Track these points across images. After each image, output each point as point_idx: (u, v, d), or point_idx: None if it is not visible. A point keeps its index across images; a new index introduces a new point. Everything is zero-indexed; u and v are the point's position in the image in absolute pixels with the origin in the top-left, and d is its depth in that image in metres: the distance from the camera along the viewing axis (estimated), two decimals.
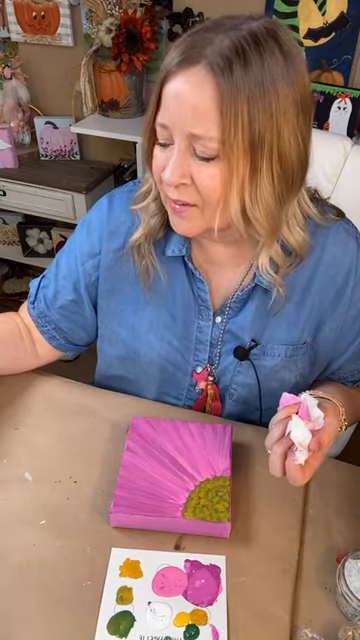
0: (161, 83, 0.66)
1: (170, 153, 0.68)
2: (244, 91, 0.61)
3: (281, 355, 0.85)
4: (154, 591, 0.66)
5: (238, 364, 0.86)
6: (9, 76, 2.07)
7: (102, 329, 0.94)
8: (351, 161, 1.11)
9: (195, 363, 0.89)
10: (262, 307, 0.82)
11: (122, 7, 1.80)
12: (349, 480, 0.81)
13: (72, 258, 0.90)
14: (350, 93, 1.73)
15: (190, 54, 0.63)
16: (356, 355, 0.88)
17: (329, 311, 0.83)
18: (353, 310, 0.83)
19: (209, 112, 0.62)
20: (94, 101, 2.01)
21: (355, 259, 0.81)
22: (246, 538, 0.72)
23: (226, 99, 0.61)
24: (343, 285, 0.82)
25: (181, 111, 0.64)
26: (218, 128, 0.62)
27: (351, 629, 0.60)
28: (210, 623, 0.63)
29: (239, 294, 0.83)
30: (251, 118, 0.62)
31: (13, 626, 0.63)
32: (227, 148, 0.63)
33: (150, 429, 0.83)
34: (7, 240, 2.49)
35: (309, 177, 0.74)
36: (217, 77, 0.61)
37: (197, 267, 0.84)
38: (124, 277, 0.87)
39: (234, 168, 0.65)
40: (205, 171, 0.66)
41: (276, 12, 1.78)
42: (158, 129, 0.68)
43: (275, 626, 0.64)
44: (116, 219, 0.86)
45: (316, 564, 0.70)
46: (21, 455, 0.83)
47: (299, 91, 0.65)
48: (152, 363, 0.90)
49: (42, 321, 0.93)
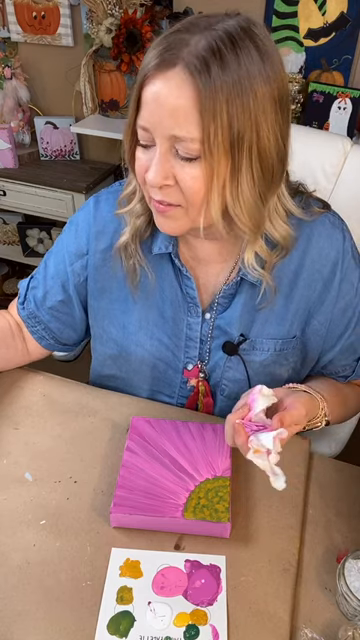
0: (140, 85, 0.66)
1: (152, 154, 0.68)
2: (222, 91, 0.61)
3: (270, 350, 0.85)
4: (154, 591, 0.66)
5: (228, 359, 0.86)
6: (9, 76, 2.07)
7: (94, 328, 0.94)
8: (351, 161, 1.11)
9: (186, 360, 0.89)
10: (250, 302, 0.83)
11: (122, 7, 1.80)
12: (349, 480, 0.81)
13: (60, 259, 0.91)
14: (350, 93, 1.73)
15: (167, 57, 0.63)
16: (346, 349, 0.87)
17: (317, 304, 0.83)
18: (341, 303, 0.83)
19: (189, 113, 0.62)
20: (94, 101, 2.01)
21: (341, 251, 0.81)
22: (246, 538, 0.72)
23: (205, 100, 0.61)
24: (330, 277, 0.81)
25: (161, 113, 0.64)
26: (198, 129, 0.63)
27: (351, 629, 0.60)
28: (210, 623, 0.63)
29: (226, 289, 0.83)
30: (230, 117, 0.62)
31: (13, 626, 0.63)
32: (208, 148, 0.64)
33: (150, 429, 0.83)
34: (7, 240, 2.49)
35: (305, 176, 0.75)
36: (195, 78, 0.61)
37: (184, 264, 0.84)
38: (112, 277, 0.87)
39: (215, 168, 0.65)
40: (188, 172, 0.66)
41: (276, 12, 1.78)
42: (139, 131, 0.68)
43: (275, 626, 0.64)
44: (103, 219, 0.87)
45: (316, 564, 0.70)
46: (21, 455, 0.83)
47: (277, 88, 0.65)
48: (143, 361, 0.90)
49: (32, 321, 0.94)
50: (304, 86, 1.81)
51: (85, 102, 1.99)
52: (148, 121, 0.66)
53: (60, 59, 2.11)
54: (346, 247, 0.82)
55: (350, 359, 0.89)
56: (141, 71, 0.66)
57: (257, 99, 0.63)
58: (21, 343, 0.96)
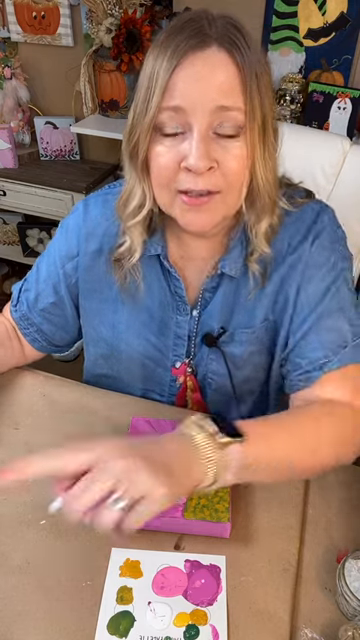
0: (169, 75, 0.64)
1: (184, 143, 0.66)
2: (253, 66, 0.66)
3: (248, 339, 0.84)
4: (154, 591, 0.66)
5: (210, 352, 0.87)
6: (9, 76, 2.07)
7: (85, 328, 0.95)
8: (350, 161, 1.11)
9: (174, 359, 0.90)
10: (229, 294, 0.83)
11: (122, 7, 1.80)
12: (349, 480, 0.81)
13: (52, 261, 0.91)
14: (350, 93, 1.73)
15: (197, 40, 0.64)
16: (306, 341, 0.79)
17: (287, 279, 0.80)
18: (310, 288, 0.79)
19: (235, 87, 0.65)
20: (94, 101, 2.01)
21: (315, 227, 0.79)
22: (246, 538, 0.72)
23: (245, 73, 0.65)
24: (302, 249, 0.79)
25: (204, 90, 0.64)
26: (243, 100, 0.66)
27: (351, 629, 0.60)
28: (210, 623, 0.63)
29: (208, 282, 0.83)
30: (261, 93, 0.67)
31: (13, 626, 0.63)
32: (251, 120, 0.66)
33: (150, 429, 0.83)
34: (7, 240, 2.49)
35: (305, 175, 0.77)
36: (234, 55, 0.64)
37: (173, 264, 0.84)
38: (102, 277, 0.87)
39: (255, 143, 0.68)
40: (231, 151, 0.67)
41: (276, 12, 1.78)
42: (166, 115, 0.65)
43: (275, 626, 0.64)
44: (92, 221, 0.87)
45: (316, 564, 0.70)
46: (21, 455, 0.82)
47: (270, 74, 0.70)
48: (133, 360, 0.91)
49: (24, 323, 0.95)
50: (304, 86, 1.81)
51: (85, 102, 1.99)
52: (185, 99, 0.64)
53: (60, 59, 2.11)
54: (322, 224, 0.80)
55: (319, 352, 0.77)
56: (163, 62, 0.64)
57: (268, 81, 0.69)
58: (17, 345, 0.96)
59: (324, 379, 0.77)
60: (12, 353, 0.96)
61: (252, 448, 0.63)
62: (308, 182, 0.86)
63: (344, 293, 0.79)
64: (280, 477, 0.71)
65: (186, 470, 0.59)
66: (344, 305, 0.78)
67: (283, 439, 0.68)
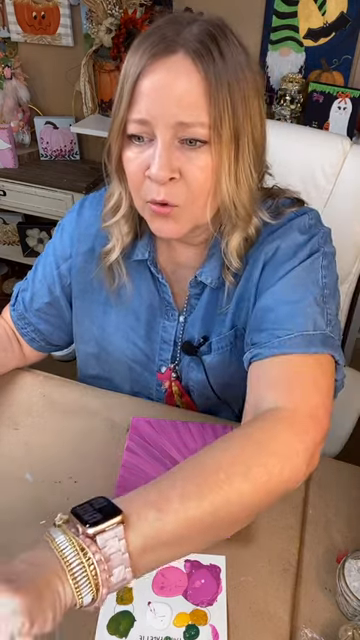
0: (134, 80, 0.63)
1: (150, 150, 0.66)
2: (224, 76, 0.62)
3: (220, 349, 0.83)
4: (154, 591, 0.66)
5: (190, 360, 0.86)
6: (9, 76, 2.07)
7: (76, 327, 0.95)
8: (350, 161, 1.11)
9: (159, 363, 0.90)
10: (211, 303, 0.82)
11: (122, 7, 1.80)
12: (349, 480, 0.81)
13: (48, 262, 0.92)
14: (350, 93, 1.73)
15: (164, 45, 0.62)
16: (258, 325, 0.72)
17: (252, 285, 0.77)
18: (269, 280, 0.74)
19: (198, 99, 0.62)
20: (94, 101, 2.01)
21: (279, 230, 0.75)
22: (246, 538, 0.72)
23: (211, 84, 0.62)
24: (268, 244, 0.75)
25: (164, 102, 0.62)
26: (206, 114, 0.63)
27: (351, 629, 0.60)
28: (210, 623, 0.63)
29: (192, 289, 0.83)
30: (233, 103, 0.63)
31: None
32: (217, 134, 0.63)
33: (150, 429, 0.83)
34: (7, 240, 2.49)
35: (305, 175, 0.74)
36: (199, 63, 0.61)
37: (162, 269, 0.84)
38: (93, 278, 0.88)
39: (224, 154, 0.65)
40: (195, 162, 0.65)
41: (276, 12, 1.78)
42: (133, 126, 0.65)
43: (275, 626, 0.64)
44: (85, 222, 0.88)
45: (316, 564, 0.70)
46: (21, 455, 0.83)
47: (256, 76, 0.67)
48: (120, 363, 0.91)
49: (22, 323, 0.95)
50: (304, 86, 1.81)
51: (85, 102, 1.99)
52: (148, 112, 0.63)
53: (60, 59, 2.11)
54: (291, 227, 0.75)
55: (263, 334, 0.70)
56: (131, 67, 0.64)
57: (248, 86, 0.65)
58: (17, 346, 0.96)
59: (265, 374, 0.68)
60: (13, 355, 0.96)
61: (138, 525, 0.48)
62: (308, 182, 0.85)
63: (307, 286, 0.71)
64: (208, 537, 0.55)
65: (42, 580, 0.44)
66: (301, 297, 0.70)
67: (179, 495, 0.51)
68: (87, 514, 0.48)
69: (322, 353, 0.67)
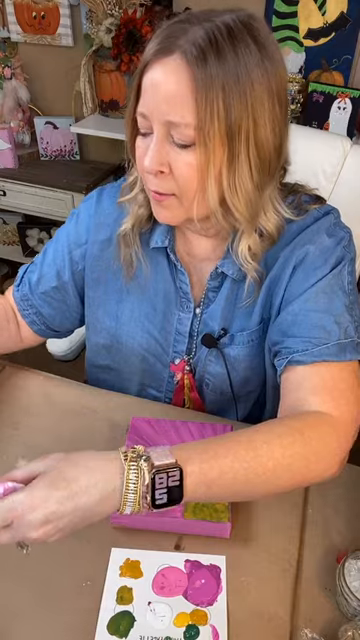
0: (140, 73, 0.67)
1: (149, 142, 0.69)
2: (218, 79, 0.62)
3: (246, 342, 0.84)
4: (154, 591, 0.66)
5: (209, 352, 0.87)
6: (9, 76, 2.07)
7: (88, 317, 0.95)
8: (350, 161, 1.11)
9: (173, 355, 0.90)
10: (231, 296, 0.83)
11: (122, 7, 1.80)
12: (349, 480, 0.81)
13: (59, 247, 0.92)
14: (350, 93, 1.73)
15: (165, 44, 0.64)
16: (289, 332, 0.76)
17: (280, 286, 0.78)
18: (299, 285, 0.76)
19: (184, 100, 0.63)
20: (94, 101, 2.01)
21: (314, 226, 0.77)
22: (246, 538, 0.72)
23: (200, 87, 0.62)
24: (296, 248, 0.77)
25: (157, 99, 0.65)
26: (193, 115, 0.64)
27: (351, 629, 0.60)
28: (210, 623, 0.63)
29: (211, 282, 0.83)
30: (227, 106, 0.63)
31: (13, 626, 0.63)
32: (203, 135, 0.64)
33: (150, 429, 0.83)
34: (7, 240, 2.49)
35: (305, 175, 0.74)
36: (191, 66, 0.62)
37: (180, 259, 0.84)
38: (109, 267, 0.88)
39: (211, 155, 0.66)
40: (182, 159, 0.67)
41: (276, 12, 1.78)
42: (139, 118, 0.69)
43: (275, 626, 0.64)
44: (103, 211, 0.89)
45: (316, 564, 0.70)
46: (21, 455, 0.82)
47: (275, 81, 0.66)
48: (133, 353, 0.91)
49: (24, 304, 0.95)
50: (304, 86, 1.81)
51: (85, 102, 1.99)
52: (147, 108, 0.67)
53: (60, 59, 2.11)
54: (319, 228, 0.77)
55: (299, 344, 0.74)
56: (142, 60, 0.67)
57: (254, 90, 0.64)
58: (15, 328, 0.96)
59: (306, 380, 0.72)
60: (9, 336, 0.95)
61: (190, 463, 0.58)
62: (308, 182, 0.85)
63: (337, 294, 0.75)
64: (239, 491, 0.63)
65: (91, 482, 0.59)
66: (332, 306, 0.74)
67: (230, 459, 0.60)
68: None
69: (354, 360, 0.73)
